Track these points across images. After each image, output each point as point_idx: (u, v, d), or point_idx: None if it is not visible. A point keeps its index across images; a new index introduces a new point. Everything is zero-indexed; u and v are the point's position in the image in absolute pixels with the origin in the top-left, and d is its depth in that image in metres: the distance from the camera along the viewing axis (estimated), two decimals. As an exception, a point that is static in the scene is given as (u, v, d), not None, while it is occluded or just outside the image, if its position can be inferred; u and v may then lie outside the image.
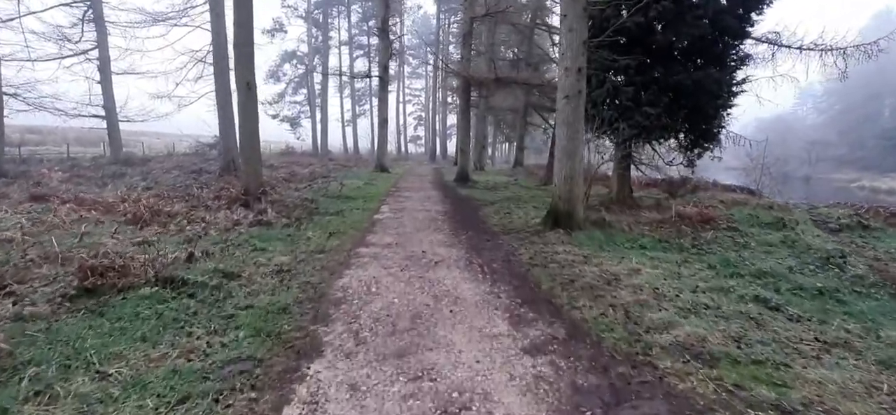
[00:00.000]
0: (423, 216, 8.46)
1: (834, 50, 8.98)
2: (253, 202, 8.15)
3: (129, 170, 18.48)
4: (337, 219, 7.85)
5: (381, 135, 19.98)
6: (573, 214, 6.78)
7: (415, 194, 11.90)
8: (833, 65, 9.10)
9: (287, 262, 5.04)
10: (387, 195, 11.53)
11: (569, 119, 6.70)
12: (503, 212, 9.07)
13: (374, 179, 15.88)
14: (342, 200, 10.08)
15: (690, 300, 4.01)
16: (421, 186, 14.05)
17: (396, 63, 52.64)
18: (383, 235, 6.72)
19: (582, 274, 4.79)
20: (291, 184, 12.71)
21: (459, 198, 11.51)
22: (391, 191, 12.54)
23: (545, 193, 12.66)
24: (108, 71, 22.75)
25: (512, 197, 11.58)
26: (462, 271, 4.89)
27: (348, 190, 11.82)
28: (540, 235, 6.67)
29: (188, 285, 3.93)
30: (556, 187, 6.92)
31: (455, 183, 14.79)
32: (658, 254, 5.81)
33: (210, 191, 10.10)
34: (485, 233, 7.07)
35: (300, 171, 18.19)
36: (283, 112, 40.94)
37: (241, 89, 8.61)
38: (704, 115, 8.65)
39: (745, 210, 8.78)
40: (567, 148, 6.73)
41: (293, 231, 6.68)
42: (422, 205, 9.98)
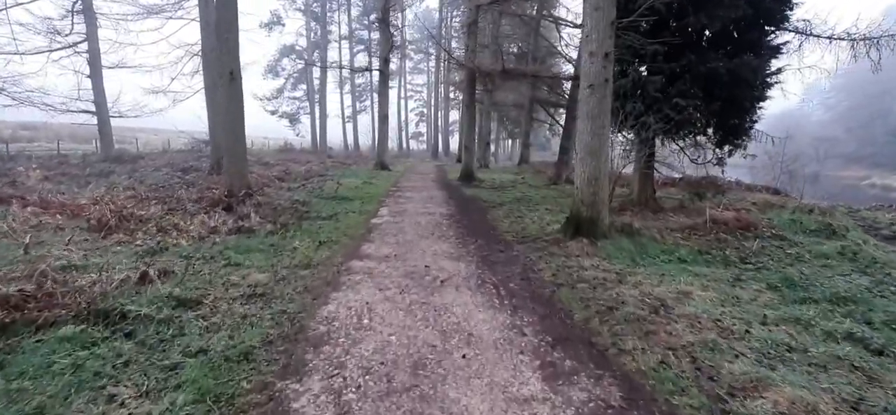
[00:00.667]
0: (425, 221, 7.60)
1: (867, 40, 8.14)
2: (236, 205, 7.31)
3: (117, 167, 17.66)
4: (330, 224, 7.00)
5: (381, 131, 19.12)
6: (598, 220, 5.92)
7: (416, 194, 11.05)
8: (865, 55, 8.28)
9: (264, 281, 4.20)
10: (386, 196, 10.68)
11: (593, 112, 5.82)
12: (514, 215, 8.21)
13: (374, 178, 15.03)
14: (337, 202, 9.23)
15: (767, 339, 3.15)
16: (423, 186, 13.19)
17: (397, 58, 51.73)
18: (381, 245, 5.87)
19: (620, 298, 3.94)
20: (284, 183, 11.86)
21: (465, 199, 10.65)
22: (391, 191, 11.69)
23: (556, 192, 11.78)
24: (98, 64, 21.94)
25: (521, 198, 10.71)
26: (474, 294, 4.04)
27: (345, 190, 10.97)
28: (560, 244, 5.81)
29: (129, 320, 3.09)
30: (578, 190, 6.05)
31: (459, 182, 13.93)
32: (702, 269, 4.94)
33: (193, 191, 9.26)
34: (496, 241, 6.21)
35: (296, 168, 17.36)
36: (282, 108, 40.14)
37: (223, 79, 7.76)
38: (739, 108, 7.76)
39: (784, 214, 7.90)
40: (591, 145, 5.86)
41: (278, 240, 5.84)
42: (424, 207, 9.12)
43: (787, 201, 9.40)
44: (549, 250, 5.62)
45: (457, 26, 39.86)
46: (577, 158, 6.10)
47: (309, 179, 13.04)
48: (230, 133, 7.85)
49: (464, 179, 13.90)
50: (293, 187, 10.97)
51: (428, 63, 54.88)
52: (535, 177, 16.41)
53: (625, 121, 7.40)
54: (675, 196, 10.63)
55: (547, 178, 14.67)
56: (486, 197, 10.79)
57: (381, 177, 15.66)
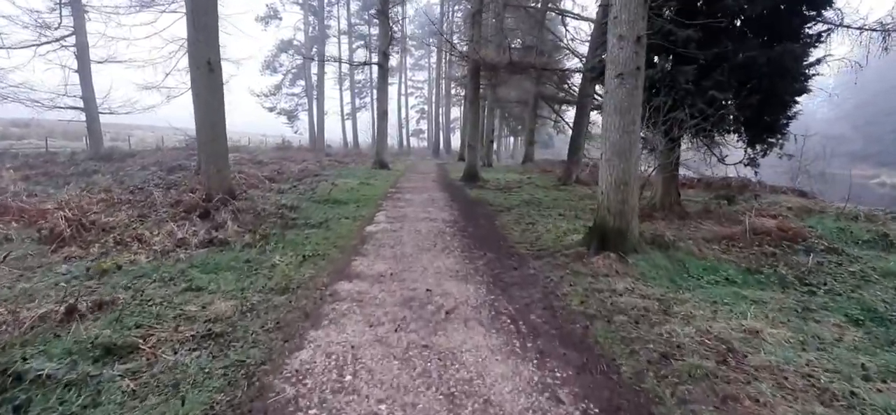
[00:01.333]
0: (426, 228, 6.78)
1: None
2: (214, 211, 6.50)
3: (104, 166, 16.87)
4: (318, 233, 6.18)
5: (380, 128, 18.28)
6: (626, 232, 5.09)
7: (417, 196, 10.24)
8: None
9: (227, 313, 3.39)
10: (384, 198, 9.86)
11: (622, 105, 4.99)
12: (526, 222, 7.39)
13: (372, 178, 14.22)
14: (330, 206, 8.41)
15: (885, 409, 2.34)
16: (424, 186, 12.38)
17: (398, 53, 50.85)
18: (375, 260, 5.05)
19: (673, 339, 3.12)
20: (275, 184, 11.05)
21: (469, 201, 9.83)
22: (390, 192, 10.87)
23: (567, 194, 10.95)
24: (86, 59, 21.14)
25: (530, 200, 9.88)
26: (487, 332, 3.22)
27: (340, 192, 10.16)
28: (583, 260, 4.99)
29: (24, 384, 2.28)
30: (603, 196, 5.21)
31: (462, 182, 13.11)
32: (757, 293, 4.12)
33: (173, 194, 8.45)
34: (508, 255, 5.39)
35: (291, 168, 16.55)
36: (280, 105, 39.31)
37: (200, 70, 6.94)
38: (779, 102, 6.92)
39: (826, 221, 7.07)
40: (619, 145, 5.03)
41: (255, 254, 5.02)
42: (425, 211, 8.31)
43: (824, 206, 8.56)
44: (571, 268, 4.80)
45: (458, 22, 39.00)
46: (602, 160, 5.27)
47: (302, 180, 12.23)
48: (208, 129, 7.03)
49: (467, 180, 13.08)
50: (284, 189, 10.15)
51: (429, 59, 54.02)
52: (542, 177, 15.57)
53: (651, 117, 6.56)
54: (695, 199, 9.80)
55: (556, 178, 13.83)
56: (492, 200, 9.97)
57: (379, 177, 14.85)
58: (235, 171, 12.72)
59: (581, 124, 12.73)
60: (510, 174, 16.98)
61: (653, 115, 6.53)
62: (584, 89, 12.53)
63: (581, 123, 12.74)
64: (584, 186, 12.49)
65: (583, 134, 12.87)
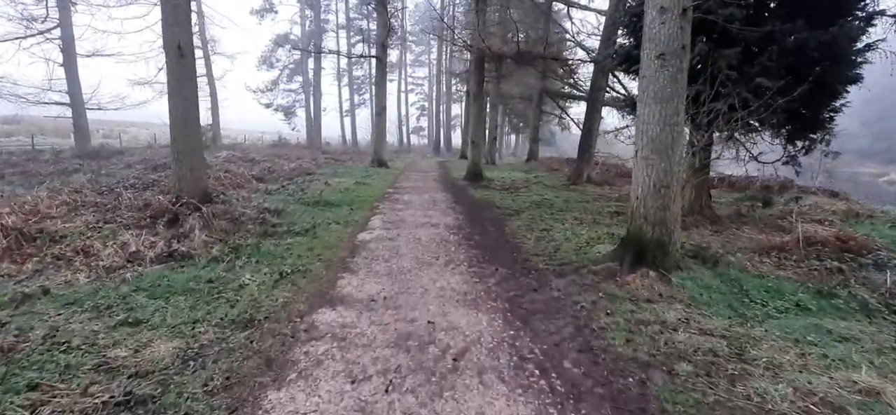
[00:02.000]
0: (427, 236, 5.94)
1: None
2: (184, 217, 5.66)
3: (88, 164, 16.03)
4: (303, 243, 5.34)
5: (378, 125, 17.43)
6: (667, 245, 4.24)
7: (417, 198, 9.39)
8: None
9: (165, 360, 2.55)
10: (381, 199, 9.01)
11: (663, 92, 4.14)
12: (539, 228, 6.53)
13: (369, 177, 13.37)
14: (320, 209, 7.57)
15: None
16: (424, 186, 11.53)
17: (398, 48, 49.95)
18: (366, 277, 4.21)
19: (766, 405, 2.27)
20: (262, 184, 10.21)
21: (474, 203, 8.98)
22: (388, 192, 10.02)
23: (580, 195, 10.09)
24: (72, 52, 20.30)
25: (541, 202, 9.03)
26: (511, 392, 2.37)
27: (333, 192, 9.31)
28: (616, 278, 4.14)
29: None
30: (639, 202, 4.36)
31: (465, 182, 12.27)
32: (840, 324, 3.27)
33: (149, 195, 7.61)
34: (524, 270, 4.55)
35: (284, 166, 15.71)
36: (277, 101, 38.47)
37: (170, 55, 6.09)
38: (829, 91, 6.07)
39: (881, 227, 6.23)
40: (660, 139, 4.17)
41: (222, 271, 4.18)
42: (425, 215, 7.46)
43: (870, 210, 7.72)
44: (603, 289, 3.95)
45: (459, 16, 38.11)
46: (637, 158, 4.42)
47: (293, 179, 11.38)
48: (180, 123, 6.17)
49: (470, 179, 12.23)
50: (271, 190, 9.30)
51: (429, 55, 53.12)
52: (549, 176, 14.71)
53: (689, 108, 5.69)
54: (719, 200, 8.95)
55: (565, 177, 12.98)
56: (498, 201, 9.11)
57: (377, 176, 14.00)
58: (222, 169, 11.88)
59: (592, 120, 11.87)
60: (515, 173, 16.13)
61: (689, 105, 5.66)
62: (597, 82, 11.66)
63: (592, 118, 11.88)
64: (596, 186, 11.64)
65: (594, 131, 12.00)
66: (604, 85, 11.84)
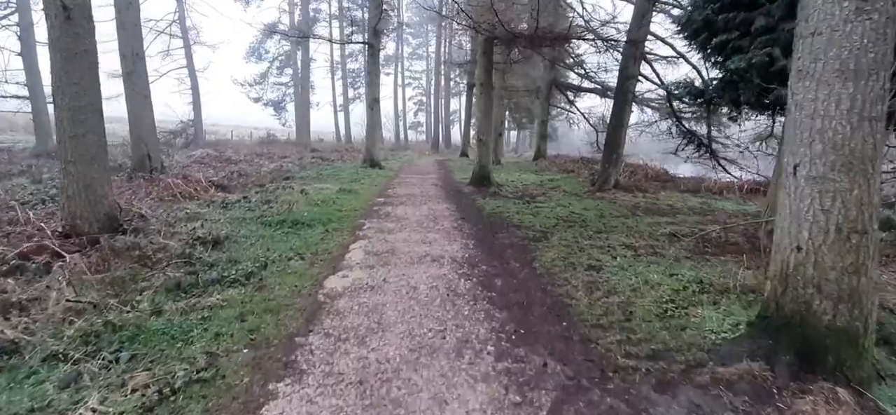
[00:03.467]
0: (427, 283, 4.05)
1: None
2: (67, 255, 3.75)
3: (39, 165, 14.05)
4: (234, 303, 3.43)
5: (370, 120, 15.49)
6: (861, 337, 2.35)
7: (413, 211, 7.49)
8: None
9: None
10: (368, 214, 7.11)
11: (859, 60, 2.26)
12: (584, 263, 4.63)
13: (358, 180, 11.46)
14: (283, 233, 5.67)
15: None
16: (422, 193, 9.62)
17: (395, 42, 47.86)
18: (317, 394, 2.33)
19: None
20: (223, 193, 8.28)
21: (486, 220, 7.08)
22: (378, 204, 8.12)
23: (613, 207, 8.21)
24: (31, 41, 18.26)
25: (570, 217, 7.14)
26: None
27: (308, 205, 7.40)
28: (774, 400, 2.27)
29: None
30: (804, 257, 2.45)
31: (471, 187, 10.37)
32: None
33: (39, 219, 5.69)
34: (592, 367, 2.67)
35: (264, 166, 13.79)
36: (266, 95, 36.46)
37: (49, 16, 4.16)
38: None
39: None
40: (850, 145, 2.28)
41: (54, 388, 2.29)
42: (424, 241, 5.57)
43: None
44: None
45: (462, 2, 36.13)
46: (788, 176, 2.53)
47: (265, 185, 9.46)
48: (67, 119, 4.23)
49: (477, 183, 10.33)
50: (230, 202, 7.38)
51: (427, 48, 51.13)
52: (566, 179, 12.81)
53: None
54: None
55: (588, 181, 11.09)
56: (516, 216, 7.22)
57: (368, 179, 12.08)
58: (179, 175, 9.96)
59: (622, 115, 9.97)
60: (525, 174, 14.24)
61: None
62: (627, 69, 9.76)
63: (622, 112, 9.98)
64: (625, 193, 9.77)
65: (624, 127, 10.11)
66: (636, 72, 9.95)
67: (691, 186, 10.93)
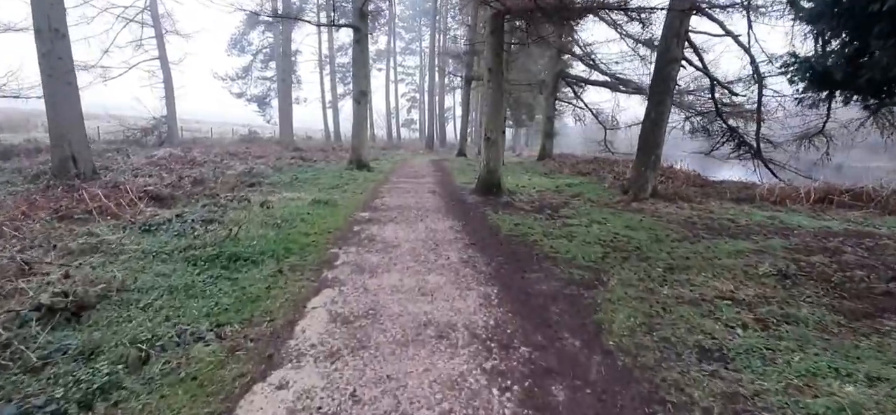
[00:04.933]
0: (430, 384, 2.20)
1: None
2: None
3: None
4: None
5: (357, 115, 13.55)
6: None
7: (406, 232, 5.61)
8: None
9: None
10: (345, 239, 5.22)
11: None
12: (690, 339, 2.81)
13: (340, 187, 9.53)
14: (212, 276, 3.76)
15: None
16: (417, 204, 7.75)
17: (387, 36, 45.78)
18: None
19: None
20: (156, 208, 6.34)
21: (506, 247, 5.20)
22: (359, 222, 6.23)
23: (662, 223, 6.39)
24: (-25, 26, 16.05)
25: (622, 244, 5.30)
26: None
27: (263, 226, 5.48)
28: None
29: None
30: None
31: (478, 195, 8.51)
32: None
33: None
34: None
35: (232, 169, 11.81)
36: (250, 90, 34.30)
37: None
38: None
39: None
40: None
41: None
42: (422, 287, 3.70)
43: None
44: None
45: None
46: None
47: (222, 194, 7.50)
48: None
49: (484, 191, 8.46)
50: (157, 223, 5.44)
51: (420, 43, 49.19)
52: (584, 183, 10.98)
53: None
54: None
55: (617, 187, 9.27)
56: (546, 241, 5.36)
57: (352, 184, 10.16)
58: (111, 181, 7.99)
59: (661, 106, 8.14)
60: (534, 177, 12.41)
61: None
62: (669, 51, 7.95)
63: (661, 104, 8.15)
64: (667, 203, 7.97)
65: (663, 122, 8.28)
66: (680, 55, 8.14)
67: (740, 193, 9.15)
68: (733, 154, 11.08)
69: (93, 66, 22.33)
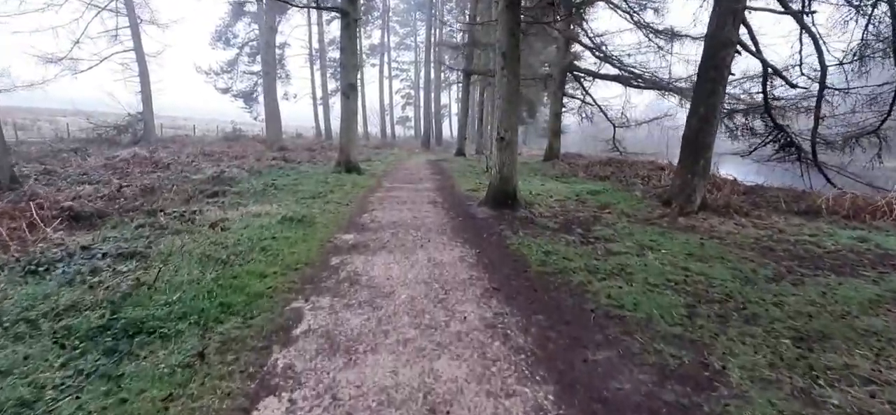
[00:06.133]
0: None
1: None
2: None
3: None
4: None
5: (345, 111, 11.99)
6: None
7: (401, 268, 4.10)
8: None
9: None
10: (314, 278, 3.70)
11: None
12: None
13: (322, 195, 7.99)
14: (83, 375, 2.26)
15: None
16: (415, 220, 6.24)
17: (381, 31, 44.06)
18: None
19: None
20: (76, 229, 4.79)
21: (544, 296, 3.71)
22: (339, 246, 4.70)
23: (725, 247, 4.93)
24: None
25: (706, 291, 3.84)
26: None
27: (201, 263, 3.94)
28: None
29: None
30: None
31: (488, 206, 7.01)
32: None
33: None
34: None
35: (201, 172, 10.24)
36: (236, 85, 32.46)
37: None
38: None
39: None
40: None
41: None
42: (427, 390, 2.21)
43: None
44: None
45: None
46: None
47: (169, 210, 5.95)
48: None
49: (497, 202, 6.96)
50: (55, 259, 3.90)
51: (415, 38, 47.47)
52: (609, 189, 9.51)
53: None
54: None
55: (650, 195, 7.80)
56: (597, 285, 3.87)
57: (338, 191, 8.61)
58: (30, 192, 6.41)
59: (713, 99, 6.67)
60: (548, 182, 10.92)
61: None
62: (722, 32, 6.49)
63: (712, 97, 6.68)
64: (722, 218, 6.53)
65: (715, 118, 6.81)
66: (736, 37, 6.68)
67: (796, 203, 7.72)
68: (775, 156, 9.68)
69: (62, 59, 20.61)
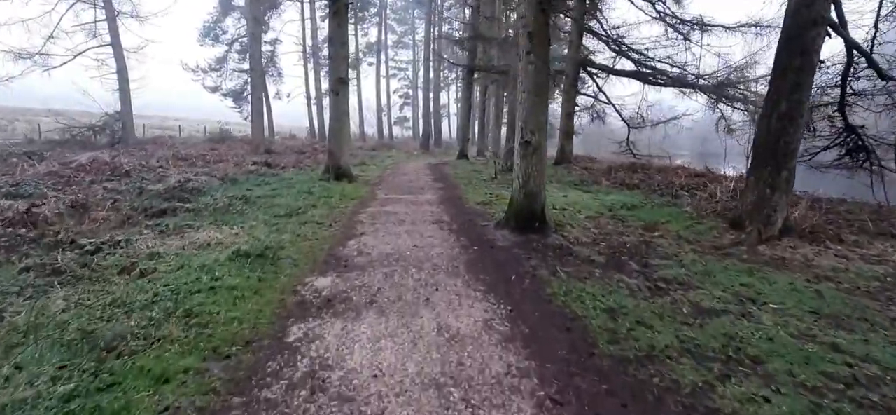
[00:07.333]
0: None
1: None
2: None
3: None
4: None
5: (335, 109, 10.47)
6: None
7: (393, 352, 2.59)
8: None
9: None
10: (253, 386, 2.22)
11: None
12: None
13: (299, 214, 6.47)
14: None
15: None
16: (417, 252, 4.74)
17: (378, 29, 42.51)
18: None
19: None
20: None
21: (629, 406, 2.23)
22: (305, 305, 3.20)
23: (852, 305, 3.43)
24: None
25: (856, 387, 2.37)
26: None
27: (74, 350, 2.46)
28: None
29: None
30: None
31: (509, 229, 5.51)
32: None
33: None
34: None
35: (165, 181, 8.70)
36: (225, 84, 30.85)
37: None
38: None
39: None
40: None
41: None
42: None
43: None
44: None
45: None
46: None
47: (105, 234, 4.45)
48: None
49: (520, 224, 5.44)
50: None
51: (414, 36, 45.96)
52: (644, 203, 8.01)
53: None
54: None
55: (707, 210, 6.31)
56: (701, 372, 2.39)
57: (321, 206, 7.09)
58: None
59: (800, 92, 5.19)
60: (571, 192, 9.42)
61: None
62: (811, 9, 5.03)
63: (800, 89, 5.19)
64: (815, 247, 5.05)
65: (801, 116, 5.34)
66: (827, 14, 5.20)
67: (883, 221, 6.25)
68: (840, 161, 8.26)
69: (35, 54, 19.08)
